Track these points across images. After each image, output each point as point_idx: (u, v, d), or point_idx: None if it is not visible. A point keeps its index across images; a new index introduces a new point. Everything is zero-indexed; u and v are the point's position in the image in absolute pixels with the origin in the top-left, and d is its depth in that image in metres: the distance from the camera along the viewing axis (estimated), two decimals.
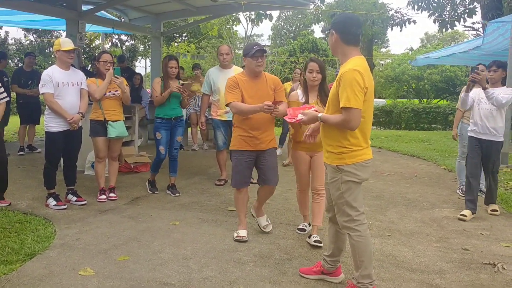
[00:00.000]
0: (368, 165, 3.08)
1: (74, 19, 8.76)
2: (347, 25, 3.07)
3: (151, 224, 4.73)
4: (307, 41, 34.57)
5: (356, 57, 3.03)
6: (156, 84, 5.83)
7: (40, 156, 8.46)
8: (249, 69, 4.19)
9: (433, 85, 26.84)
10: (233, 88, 4.15)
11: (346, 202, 3.06)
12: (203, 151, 9.98)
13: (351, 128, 2.93)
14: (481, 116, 5.17)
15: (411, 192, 6.45)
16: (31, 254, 3.81)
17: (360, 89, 2.87)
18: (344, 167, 3.02)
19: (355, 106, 2.85)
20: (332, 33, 3.09)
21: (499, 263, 3.84)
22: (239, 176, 4.26)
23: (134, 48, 31.11)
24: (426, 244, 4.33)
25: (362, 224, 3.08)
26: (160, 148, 5.86)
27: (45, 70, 5.14)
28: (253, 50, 4.09)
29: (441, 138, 13.44)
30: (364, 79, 2.88)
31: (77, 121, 5.14)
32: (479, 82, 4.89)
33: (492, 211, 5.34)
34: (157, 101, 5.77)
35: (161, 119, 5.83)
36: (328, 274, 3.45)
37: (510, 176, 7.59)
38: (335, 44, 3.10)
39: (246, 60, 4.16)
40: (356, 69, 2.88)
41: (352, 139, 3.00)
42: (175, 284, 3.35)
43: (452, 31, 26.89)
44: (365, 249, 3.05)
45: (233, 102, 4.10)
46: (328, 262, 3.42)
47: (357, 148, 3.02)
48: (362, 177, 3.05)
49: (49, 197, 5.26)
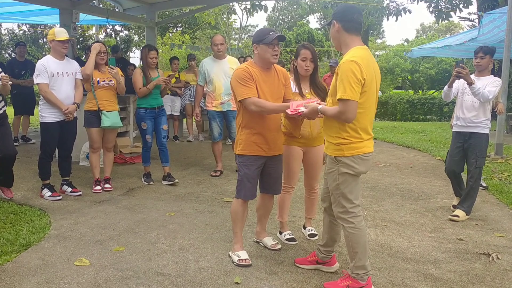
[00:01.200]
0: (367, 158, 3.05)
1: (68, 9, 8.69)
2: (348, 13, 3.03)
3: (146, 215, 4.73)
4: (303, 31, 34.43)
5: (357, 47, 2.98)
6: (139, 76, 5.83)
7: (34, 147, 8.43)
8: (263, 59, 3.51)
9: (428, 77, 26.84)
10: (248, 81, 3.45)
11: (342, 194, 3.05)
12: (198, 142, 9.97)
13: (347, 120, 2.89)
14: (464, 109, 4.86)
15: (406, 183, 6.47)
16: (26, 245, 3.80)
17: (356, 81, 2.82)
18: (342, 159, 3.01)
19: (351, 97, 2.81)
20: (333, 24, 3.03)
21: (493, 253, 3.87)
22: (250, 185, 3.57)
23: (129, 38, 30.87)
24: (421, 234, 4.35)
25: (357, 216, 3.07)
26: (147, 137, 5.94)
27: (40, 60, 5.10)
28: (270, 36, 3.45)
29: (436, 129, 13.48)
30: (362, 70, 2.83)
31: (72, 112, 5.12)
32: (464, 78, 4.59)
33: (452, 215, 4.81)
34: (142, 92, 5.80)
35: (145, 109, 5.88)
36: (323, 264, 3.47)
37: (505, 167, 7.63)
38: (337, 34, 3.04)
39: (258, 48, 3.49)
40: (352, 60, 2.84)
41: (351, 131, 2.97)
42: (171, 274, 3.35)
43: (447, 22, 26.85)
44: (359, 240, 3.06)
45: (251, 97, 3.42)
46: (322, 252, 3.43)
47: (356, 140, 2.98)
48: (359, 170, 3.02)
49: (44, 188, 5.24)
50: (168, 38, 27.60)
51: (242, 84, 3.45)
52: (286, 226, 4.16)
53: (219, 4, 13.84)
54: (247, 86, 3.45)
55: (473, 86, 4.60)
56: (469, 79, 4.58)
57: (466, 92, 4.86)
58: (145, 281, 3.22)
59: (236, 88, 3.51)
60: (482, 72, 4.87)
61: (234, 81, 3.53)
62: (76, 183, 5.56)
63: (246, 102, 3.44)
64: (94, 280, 3.22)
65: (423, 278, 3.40)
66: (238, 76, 3.49)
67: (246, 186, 3.57)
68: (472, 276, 3.45)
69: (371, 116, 3.08)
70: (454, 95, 5.02)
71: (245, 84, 3.45)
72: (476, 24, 16.76)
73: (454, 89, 4.97)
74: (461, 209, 4.86)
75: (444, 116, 18.32)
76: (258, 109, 3.43)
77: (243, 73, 3.48)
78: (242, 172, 3.59)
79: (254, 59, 3.63)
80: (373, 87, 2.99)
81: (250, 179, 3.57)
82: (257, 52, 3.52)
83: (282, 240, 4.03)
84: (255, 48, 3.53)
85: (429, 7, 12.99)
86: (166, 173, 6.14)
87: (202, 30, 29.33)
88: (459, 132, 4.96)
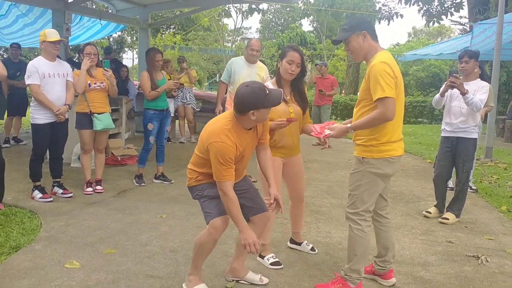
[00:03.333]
0: (394, 161, 3.06)
1: (61, 10, 8.64)
2: (370, 23, 3.18)
3: (138, 217, 4.72)
4: (295, 34, 34.55)
5: (383, 51, 3.06)
6: (147, 80, 5.86)
7: (25, 148, 8.38)
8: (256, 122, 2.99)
9: (418, 80, 27.03)
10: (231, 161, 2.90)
11: (361, 196, 3.07)
12: (190, 144, 9.95)
13: (389, 118, 2.90)
14: (452, 114, 4.88)
15: (397, 186, 6.51)
16: (16, 247, 3.78)
17: (391, 79, 2.87)
18: (370, 160, 3.03)
19: (390, 95, 2.85)
20: (362, 34, 3.04)
21: (482, 255, 3.91)
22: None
23: (122, 39, 30.81)
24: (411, 237, 4.38)
25: (365, 220, 3.09)
26: (151, 138, 5.99)
27: (31, 61, 5.09)
28: (272, 100, 2.88)
29: (427, 132, 13.56)
30: (393, 70, 2.90)
31: (63, 113, 5.10)
32: (458, 88, 4.60)
33: (443, 218, 4.86)
34: (152, 95, 5.85)
35: (154, 110, 5.94)
36: (379, 276, 3.37)
37: (494, 170, 7.70)
38: (366, 44, 3.06)
39: (256, 113, 2.85)
40: (383, 61, 2.90)
41: (383, 132, 3.00)
42: (162, 276, 3.35)
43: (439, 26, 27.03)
44: (361, 244, 3.07)
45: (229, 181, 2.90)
46: (378, 264, 3.35)
47: (385, 142, 3.01)
48: (385, 172, 3.04)
49: (35, 189, 5.21)
50: (160, 39, 27.55)
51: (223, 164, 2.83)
52: (268, 248, 3.70)
53: (212, 6, 13.84)
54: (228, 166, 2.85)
55: (467, 96, 4.61)
56: (462, 89, 4.58)
57: (454, 97, 4.87)
58: (136, 284, 3.22)
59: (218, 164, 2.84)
60: (469, 76, 4.87)
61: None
62: (67, 185, 5.54)
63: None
64: (84, 282, 3.21)
65: (413, 280, 3.43)
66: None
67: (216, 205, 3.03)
68: (461, 279, 3.48)
69: (400, 118, 3.10)
70: (444, 102, 5.03)
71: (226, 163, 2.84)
72: (467, 28, 16.90)
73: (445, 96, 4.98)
74: (451, 212, 4.90)
75: (435, 119, 18.43)
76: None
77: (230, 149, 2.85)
78: (204, 193, 3.11)
79: (238, 121, 2.93)
80: (402, 88, 3.04)
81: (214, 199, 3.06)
82: (254, 118, 2.87)
83: (266, 265, 3.58)
84: (251, 115, 2.85)
85: (420, 11, 13.11)
86: (160, 173, 6.27)
87: (195, 32, 29.34)
88: (446, 137, 4.98)
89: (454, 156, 4.92)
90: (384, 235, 3.30)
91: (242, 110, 2.86)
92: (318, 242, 4.16)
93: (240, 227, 2.89)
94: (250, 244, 2.85)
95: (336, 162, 8.19)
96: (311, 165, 7.76)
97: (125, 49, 32.52)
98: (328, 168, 7.57)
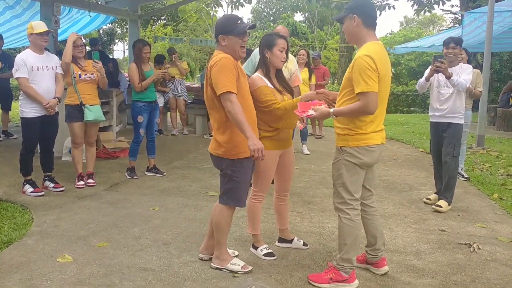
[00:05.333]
0: (373, 149, 3.06)
1: (49, 1, 8.53)
2: (368, 8, 3.06)
3: (130, 210, 4.70)
4: (287, 24, 34.40)
5: (371, 42, 3.01)
6: (136, 71, 5.84)
7: (15, 142, 8.31)
8: (233, 52, 3.16)
9: (410, 69, 27.06)
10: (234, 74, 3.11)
11: (343, 184, 3.08)
12: (183, 136, 9.92)
13: (370, 112, 2.91)
14: (440, 100, 4.95)
15: (390, 175, 6.53)
16: (7, 241, 3.76)
17: (374, 72, 2.86)
18: (347, 149, 3.04)
19: (372, 89, 2.85)
20: (353, 18, 3.00)
21: (474, 243, 3.93)
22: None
23: (112, 31, 30.55)
24: (404, 226, 4.40)
25: (354, 209, 3.10)
26: (141, 131, 5.98)
27: (19, 55, 5.02)
28: (241, 26, 3.12)
29: (419, 121, 13.58)
30: (376, 63, 2.87)
31: (53, 106, 5.04)
32: (443, 72, 4.68)
33: (436, 205, 4.88)
34: (141, 87, 5.83)
35: (143, 102, 5.93)
36: (371, 265, 3.38)
37: (486, 158, 7.74)
38: (356, 29, 3.02)
39: (226, 40, 3.12)
40: (367, 55, 2.88)
41: (359, 122, 3.00)
42: (155, 269, 3.34)
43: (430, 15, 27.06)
44: (351, 233, 3.08)
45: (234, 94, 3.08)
46: (369, 252, 3.36)
47: (362, 132, 3.01)
48: (364, 161, 3.05)
49: (26, 183, 5.17)
50: (150, 31, 27.34)
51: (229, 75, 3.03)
52: (261, 239, 3.69)
53: None
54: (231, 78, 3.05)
55: (452, 79, 4.70)
56: (447, 73, 4.67)
57: (441, 84, 4.94)
58: (129, 277, 3.21)
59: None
60: (453, 62, 4.95)
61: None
62: (58, 179, 5.49)
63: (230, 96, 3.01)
64: (77, 276, 3.20)
65: (406, 269, 3.44)
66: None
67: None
68: (454, 267, 3.50)
69: (382, 110, 3.10)
70: (428, 87, 5.12)
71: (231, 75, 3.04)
72: (458, 16, 16.91)
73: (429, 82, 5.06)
74: (444, 200, 4.92)
75: (427, 108, 18.41)
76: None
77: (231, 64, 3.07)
78: (239, 178, 3.22)
79: (222, 50, 3.14)
80: (386, 81, 3.03)
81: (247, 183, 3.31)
82: (225, 44, 3.10)
83: (259, 256, 3.57)
84: (221, 40, 3.10)
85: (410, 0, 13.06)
86: (152, 165, 6.26)
87: (186, 23, 29.12)
88: (436, 123, 5.04)
89: (444, 141, 4.97)
90: (372, 224, 3.32)
91: (216, 36, 3.17)
92: (311, 232, 4.16)
93: (248, 133, 2.96)
94: (258, 150, 2.95)
95: (329, 152, 8.18)
96: (303, 155, 7.76)
97: (115, 41, 32.29)
98: (321, 159, 7.57)
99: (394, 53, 19.95)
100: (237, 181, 3.20)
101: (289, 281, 3.21)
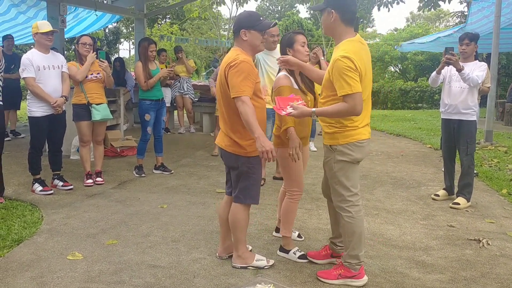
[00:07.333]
0: (363, 145, 3.03)
1: (55, 1, 8.57)
2: (346, 2, 2.94)
3: (139, 208, 4.72)
4: (292, 21, 34.37)
5: (348, 40, 2.93)
6: (142, 70, 5.87)
7: (24, 141, 8.36)
8: (253, 47, 3.19)
9: (418, 64, 26.91)
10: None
11: (339, 182, 3.06)
12: (189, 134, 9.95)
13: (358, 113, 2.86)
14: (452, 95, 4.88)
15: (398, 171, 6.51)
16: (18, 240, 3.78)
17: (354, 72, 2.80)
18: (337, 147, 3.02)
19: (356, 90, 2.80)
20: (330, 13, 2.93)
21: (483, 239, 3.91)
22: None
23: (117, 30, 30.64)
24: (412, 222, 4.39)
25: (355, 205, 3.07)
26: (148, 129, 6.00)
27: (25, 54, 5.05)
28: (265, 23, 3.18)
29: (427, 117, 13.55)
30: (355, 63, 2.80)
31: (61, 105, 5.08)
32: (454, 64, 4.63)
33: (454, 203, 4.85)
34: (148, 85, 5.85)
35: (150, 100, 5.96)
36: (339, 257, 3.35)
37: (495, 153, 7.70)
38: (333, 24, 2.95)
39: (248, 34, 3.14)
40: (344, 56, 2.80)
41: (345, 120, 2.97)
42: (164, 266, 3.35)
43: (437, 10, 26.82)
44: (354, 230, 3.07)
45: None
46: (337, 244, 3.37)
47: (350, 128, 2.98)
48: (355, 157, 3.03)
49: (35, 182, 5.21)
50: (157, 29, 27.38)
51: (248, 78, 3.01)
52: (292, 241, 3.61)
53: None
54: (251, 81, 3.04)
55: (463, 72, 4.63)
56: (458, 65, 4.62)
57: (453, 78, 4.87)
58: (139, 274, 3.22)
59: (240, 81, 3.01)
60: (467, 59, 4.87)
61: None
62: (67, 177, 5.53)
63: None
64: (87, 273, 3.22)
65: (415, 265, 3.44)
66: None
67: (259, 188, 3.34)
68: (463, 262, 3.49)
69: (367, 105, 3.06)
70: (440, 81, 5.04)
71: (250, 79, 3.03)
72: (465, 11, 16.77)
73: (441, 76, 5.00)
74: (462, 197, 4.89)
75: (435, 104, 18.41)
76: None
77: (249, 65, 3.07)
78: (255, 175, 3.23)
79: (241, 47, 3.16)
80: (368, 78, 2.99)
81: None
82: (246, 38, 3.11)
83: (294, 260, 3.48)
84: (243, 34, 3.11)
85: None
86: (160, 163, 6.29)
87: (191, 21, 29.17)
88: (448, 119, 4.99)
89: (457, 139, 4.92)
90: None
91: (236, 30, 3.13)
92: (319, 229, 4.16)
93: (257, 133, 2.93)
94: (268, 152, 2.92)
95: None
96: (311, 152, 7.75)
97: (121, 40, 32.39)
98: None
99: (401, 51, 19.86)
100: (254, 178, 3.21)
101: (298, 277, 3.21)
